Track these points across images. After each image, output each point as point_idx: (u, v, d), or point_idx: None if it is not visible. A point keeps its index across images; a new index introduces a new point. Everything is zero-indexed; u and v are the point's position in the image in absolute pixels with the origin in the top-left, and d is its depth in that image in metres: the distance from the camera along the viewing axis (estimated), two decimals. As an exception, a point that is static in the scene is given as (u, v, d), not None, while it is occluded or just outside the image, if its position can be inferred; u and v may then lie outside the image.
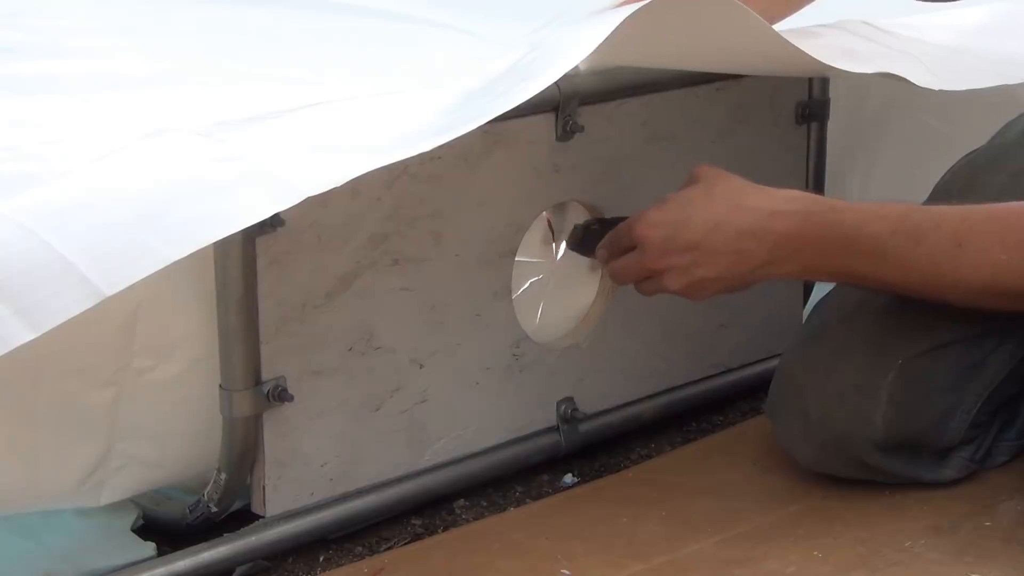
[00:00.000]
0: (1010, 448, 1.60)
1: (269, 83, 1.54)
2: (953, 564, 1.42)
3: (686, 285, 1.48)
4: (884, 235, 1.44)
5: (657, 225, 1.48)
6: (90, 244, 1.12)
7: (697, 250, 1.46)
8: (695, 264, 1.46)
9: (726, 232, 1.46)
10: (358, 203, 1.44)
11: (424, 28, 1.81)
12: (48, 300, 1.09)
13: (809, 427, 1.53)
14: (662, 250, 1.47)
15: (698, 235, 1.46)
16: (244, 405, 1.41)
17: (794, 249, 1.46)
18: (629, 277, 1.52)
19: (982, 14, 1.75)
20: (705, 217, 1.46)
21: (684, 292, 1.49)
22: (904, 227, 1.44)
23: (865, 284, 1.49)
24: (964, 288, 1.43)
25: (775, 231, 1.45)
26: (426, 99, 1.39)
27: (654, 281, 1.50)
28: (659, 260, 1.47)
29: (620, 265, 1.52)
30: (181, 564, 1.41)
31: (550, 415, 1.64)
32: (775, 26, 1.50)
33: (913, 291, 1.47)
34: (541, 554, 1.46)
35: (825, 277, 1.52)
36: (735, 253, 1.46)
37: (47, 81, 1.52)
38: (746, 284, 1.49)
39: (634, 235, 1.49)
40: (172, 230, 1.15)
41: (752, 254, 1.46)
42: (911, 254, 1.43)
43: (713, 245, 1.46)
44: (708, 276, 1.47)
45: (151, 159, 1.24)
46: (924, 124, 2.00)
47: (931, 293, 1.46)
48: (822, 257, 1.46)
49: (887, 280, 1.46)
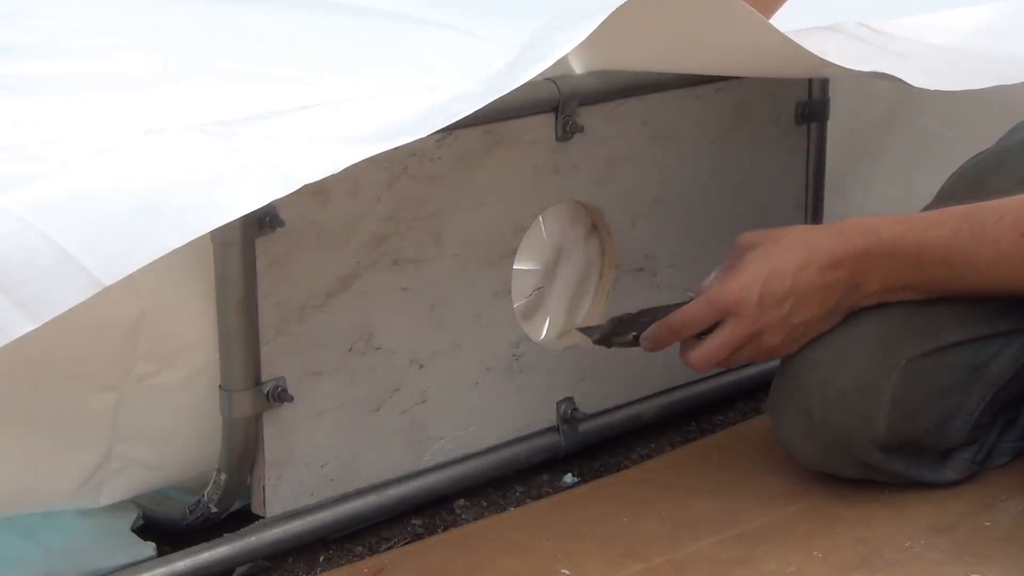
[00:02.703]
0: (1011, 449, 1.60)
1: (268, 83, 1.54)
2: (953, 564, 1.42)
3: (785, 337, 1.49)
4: (947, 237, 1.46)
5: (747, 288, 1.48)
6: (88, 235, 1.12)
7: (791, 296, 1.47)
8: (792, 312, 1.48)
9: (812, 270, 1.47)
10: (358, 203, 1.45)
11: (423, 28, 1.81)
12: (47, 291, 1.09)
13: (811, 427, 1.53)
14: (758, 309, 1.48)
15: (788, 283, 1.47)
16: (244, 406, 1.41)
17: (872, 267, 1.48)
18: (727, 353, 1.51)
19: (980, 15, 1.75)
20: (790, 261, 1.48)
21: (785, 345, 1.50)
22: (966, 225, 1.46)
23: (946, 292, 1.50)
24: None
25: (852, 253, 1.47)
26: (424, 100, 1.39)
27: (751, 346, 1.50)
28: (758, 320, 1.48)
29: (715, 346, 1.50)
30: (181, 564, 1.41)
31: (550, 415, 1.64)
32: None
33: (992, 289, 1.48)
34: (541, 554, 1.46)
35: (905, 293, 1.51)
36: (824, 288, 1.48)
37: (47, 81, 1.52)
38: (835, 320, 1.51)
39: (725, 304, 1.49)
40: (170, 219, 1.15)
41: (838, 284, 1.48)
42: (978, 250, 1.45)
43: (804, 287, 1.47)
44: (803, 321, 1.49)
45: (149, 154, 1.24)
46: (926, 128, 2.00)
47: (1010, 287, 1.47)
48: (897, 270, 1.48)
49: (964, 281, 1.47)
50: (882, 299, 1.51)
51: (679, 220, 1.70)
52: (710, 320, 1.50)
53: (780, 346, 1.51)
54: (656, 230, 1.67)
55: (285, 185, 1.20)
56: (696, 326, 1.52)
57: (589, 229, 1.66)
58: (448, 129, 1.45)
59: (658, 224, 1.67)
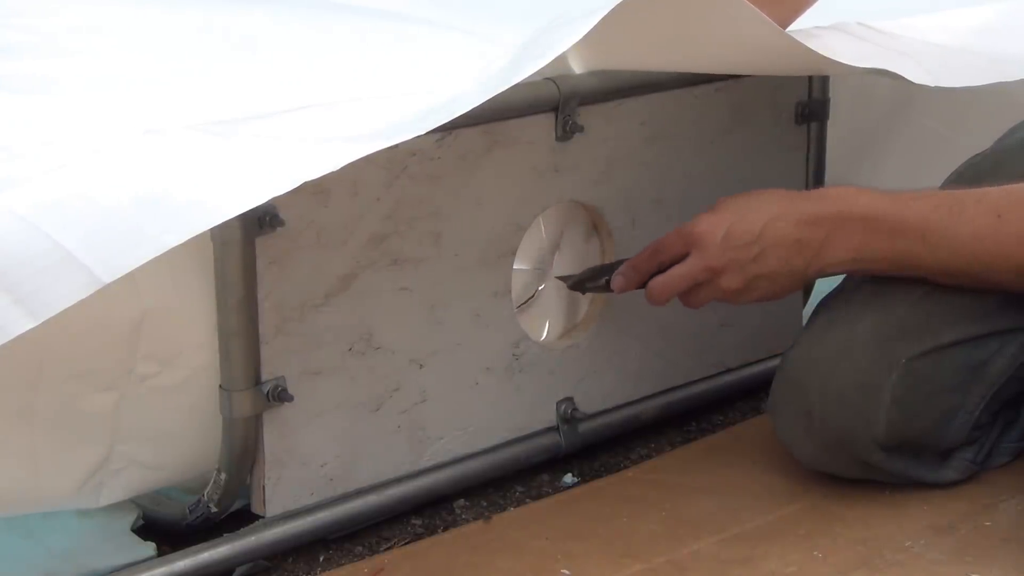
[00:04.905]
0: (1012, 450, 1.61)
1: (268, 83, 1.54)
2: (953, 564, 1.42)
3: (742, 284, 1.49)
4: (927, 211, 1.47)
5: (716, 225, 1.49)
6: (88, 232, 1.12)
7: (758, 242, 1.48)
8: (756, 259, 1.48)
9: (786, 221, 1.48)
10: (358, 203, 1.45)
11: (423, 28, 1.81)
12: (47, 289, 1.09)
13: (811, 426, 1.53)
14: (723, 246, 1.49)
15: (758, 228, 1.48)
16: (244, 405, 1.41)
17: (848, 233, 1.48)
18: (683, 285, 1.52)
19: (980, 15, 1.75)
20: (762, 213, 1.49)
21: (738, 292, 1.50)
22: (947, 203, 1.47)
23: (918, 269, 1.50)
24: (1013, 262, 1.45)
25: (830, 213, 1.48)
26: (424, 100, 1.39)
27: (708, 287, 1.51)
28: (720, 257, 1.49)
29: (673, 276, 1.52)
30: (181, 564, 1.41)
31: (550, 415, 1.64)
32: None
33: (965, 270, 1.48)
34: (541, 554, 1.46)
35: (877, 264, 1.51)
36: (795, 242, 1.48)
37: (47, 81, 1.52)
38: (799, 281, 1.52)
39: (692, 237, 1.50)
40: (169, 217, 1.15)
41: (810, 242, 1.48)
42: (955, 228, 1.45)
43: (774, 236, 1.48)
44: (765, 271, 1.49)
45: (148, 152, 1.24)
46: (926, 128, 2.00)
47: (982, 270, 1.47)
48: (873, 237, 1.48)
49: (937, 258, 1.47)
50: (851, 268, 1.52)
51: (679, 220, 1.69)
52: (676, 250, 1.52)
53: (737, 291, 1.51)
54: (656, 230, 1.67)
55: (284, 183, 1.20)
56: (661, 255, 1.53)
57: (589, 229, 1.66)
58: (448, 129, 1.45)
59: (658, 224, 1.67)
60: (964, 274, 1.49)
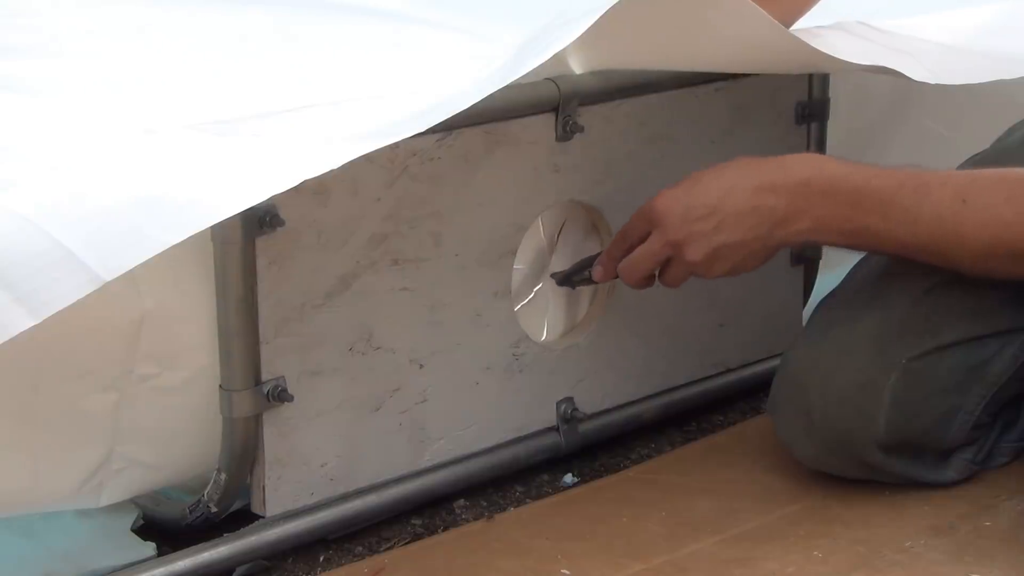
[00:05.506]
0: (1011, 450, 1.61)
1: (267, 83, 1.54)
2: (953, 564, 1.42)
3: (708, 254, 1.49)
4: (891, 188, 1.46)
5: (674, 199, 1.49)
6: (87, 231, 1.13)
7: (717, 213, 1.48)
8: (716, 229, 1.48)
9: (743, 190, 1.48)
10: (358, 203, 1.44)
11: (423, 28, 1.81)
12: (47, 287, 1.09)
13: (811, 426, 1.53)
14: (682, 219, 1.48)
15: (714, 198, 1.48)
16: (244, 405, 1.41)
17: (807, 202, 1.47)
18: (649, 263, 1.52)
19: (980, 15, 1.75)
20: (720, 183, 1.49)
21: (705, 263, 1.50)
22: (912, 182, 1.46)
23: (875, 245, 1.50)
24: (969, 247, 1.44)
25: (789, 181, 1.48)
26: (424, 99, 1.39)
27: (675, 262, 1.50)
28: (680, 230, 1.48)
29: (638, 255, 1.52)
30: (181, 564, 1.41)
31: (550, 415, 1.64)
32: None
33: (921, 249, 1.47)
34: (541, 554, 1.46)
35: (836, 237, 1.51)
36: (753, 210, 1.48)
37: (47, 81, 1.52)
38: (765, 250, 1.51)
39: (652, 214, 1.50)
40: (169, 216, 1.15)
41: (770, 210, 1.48)
42: (917, 208, 1.45)
43: (732, 205, 1.48)
44: (729, 241, 1.48)
45: (148, 152, 1.24)
46: (926, 128, 2.00)
47: (938, 251, 1.47)
48: (833, 208, 1.47)
49: (895, 236, 1.47)
50: (810, 238, 1.52)
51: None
52: (640, 231, 1.52)
53: (701, 263, 1.50)
54: (656, 230, 1.67)
55: (284, 182, 1.20)
56: (628, 239, 1.53)
57: (589, 229, 1.66)
58: (448, 129, 1.45)
59: (658, 224, 1.67)
60: (922, 252, 1.48)
